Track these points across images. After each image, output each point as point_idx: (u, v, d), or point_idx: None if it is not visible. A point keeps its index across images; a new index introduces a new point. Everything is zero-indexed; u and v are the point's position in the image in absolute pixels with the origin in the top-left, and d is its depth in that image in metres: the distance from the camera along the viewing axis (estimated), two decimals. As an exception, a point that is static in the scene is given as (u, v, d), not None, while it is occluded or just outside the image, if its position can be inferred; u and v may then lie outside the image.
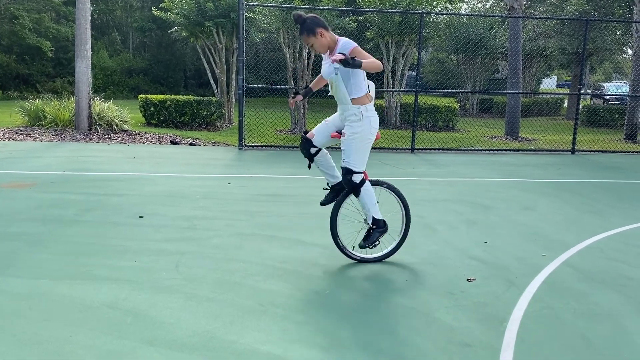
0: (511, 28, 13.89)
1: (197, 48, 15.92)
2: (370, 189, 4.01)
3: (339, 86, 3.84)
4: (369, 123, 3.89)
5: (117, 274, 3.82)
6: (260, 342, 2.91)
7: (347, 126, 3.90)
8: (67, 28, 24.94)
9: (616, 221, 5.77)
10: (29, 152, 9.31)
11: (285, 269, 4.06)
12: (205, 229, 5.02)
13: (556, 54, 21.91)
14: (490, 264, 4.30)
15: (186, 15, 13.91)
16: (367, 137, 3.90)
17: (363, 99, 3.87)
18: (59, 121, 12.31)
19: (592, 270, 4.22)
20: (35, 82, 24.32)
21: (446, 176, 8.35)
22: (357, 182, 3.93)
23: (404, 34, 14.60)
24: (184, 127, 13.55)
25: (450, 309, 3.42)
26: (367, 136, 3.90)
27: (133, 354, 2.75)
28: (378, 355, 2.82)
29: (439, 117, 15.86)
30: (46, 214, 5.35)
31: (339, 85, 3.84)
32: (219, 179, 7.49)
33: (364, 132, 3.87)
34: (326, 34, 3.81)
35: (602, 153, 12.11)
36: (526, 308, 3.47)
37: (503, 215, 5.91)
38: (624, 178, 8.71)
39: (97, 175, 7.48)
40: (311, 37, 3.80)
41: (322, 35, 3.80)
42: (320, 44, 3.82)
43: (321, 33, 3.79)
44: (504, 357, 2.83)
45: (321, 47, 3.84)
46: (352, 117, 3.87)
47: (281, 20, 12.57)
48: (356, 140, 3.88)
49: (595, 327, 3.24)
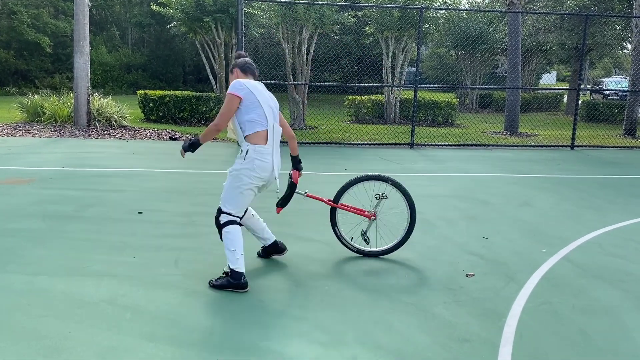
0: (511, 23, 13.86)
1: (196, 43, 15.90)
2: (233, 236, 3.60)
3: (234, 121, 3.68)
4: (252, 166, 3.57)
5: (116, 270, 3.82)
6: (260, 337, 2.92)
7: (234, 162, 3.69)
8: (66, 23, 24.89)
9: (615, 216, 5.78)
10: (27, 148, 9.30)
11: (285, 264, 4.06)
12: (205, 224, 5.01)
13: (556, 49, 21.87)
14: (489, 260, 4.30)
15: (185, 11, 13.89)
16: (244, 179, 3.58)
17: (257, 138, 3.61)
18: (57, 117, 12.30)
19: (591, 266, 4.22)
20: (34, 78, 24.29)
21: (445, 172, 8.34)
22: (221, 222, 3.64)
23: (404, 29, 14.58)
24: (183, 123, 13.53)
25: (449, 305, 3.43)
26: (243, 178, 3.57)
27: (132, 349, 2.75)
28: (377, 350, 2.82)
29: (438, 113, 15.84)
30: (45, 209, 5.35)
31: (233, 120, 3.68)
32: (218, 175, 7.49)
33: (241, 172, 3.58)
34: (238, 73, 3.79)
35: (601, 148, 12.11)
36: (525, 303, 3.48)
37: (502, 210, 5.91)
38: (623, 173, 8.71)
39: (96, 171, 7.47)
40: (230, 75, 3.85)
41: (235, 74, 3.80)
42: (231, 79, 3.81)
43: (237, 73, 3.80)
44: (502, 353, 2.84)
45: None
46: (238, 154, 3.67)
47: (280, 15, 12.53)
48: (231, 177, 3.63)
49: (594, 322, 3.24)
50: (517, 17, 13.69)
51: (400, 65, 15.28)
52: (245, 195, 3.63)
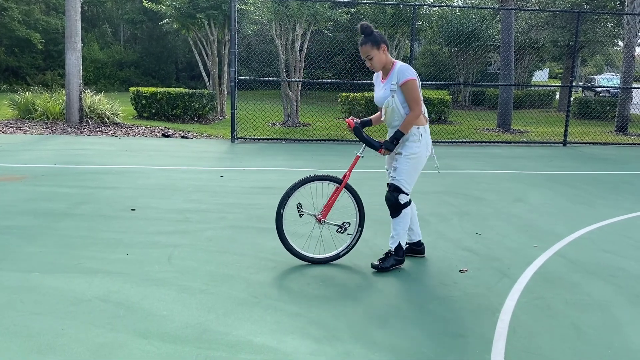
0: (503, 20, 13.90)
1: (188, 40, 15.83)
2: (409, 214, 3.89)
3: (396, 109, 3.74)
4: (426, 144, 3.81)
5: (109, 267, 3.80)
6: (254, 333, 2.91)
7: (404, 146, 3.79)
8: (57, 20, 24.71)
9: (607, 212, 5.81)
10: (19, 145, 9.23)
11: (279, 260, 4.06)
12: (198, 221, 5.00)
13: (548, 46, 21.96)
14: (482, 255, 4.32)
15: (177, 7, 13.82)
16: (423, 159, 3.83)
17: (421, 120, 3.77)
18: (49, 114, 12.22)
19: (584, 261, 4.25)
20: (25, 75, 24.10)
21: (438, 168, 8.36)
22: (402, 203, 3.82)
23: (397, 26, 14.58)
24: (175, 120, 13.48)
25: (443, 300, 3.44)
26: (422, 159, 3.82)
27: (126, 346, 2.74)
28: (371, 346, 2.83)
29: (431, 110, 15.84)
30: (37, 207, 5.31)
31: (395, 108, 3.75)
32: (212, 172, 7.47)
33: (421, 153, 3.79)
34: (387, 52, 3.75)
35: (593, 145, 12.18)
36: (518, 299, 3.49)
37: (495, 207, 5.94)
38: (615, 169, 8.76)
39: (88, 168, 7.43)
40: (374, 49, 3.68)
41: (384, 52, 3.72)
42: (379, 59, 3.72)
43: (384, 49, 3.72)
44: (496, 348, 2.85)
45: (378, 63, 3.73)
46: (412, 137, 3.76)
47: (273, 12, 12.50)
48: (412, 160, 3.77)
49: (587, 317, 3.26)
50: (510, 14, 13.72)
51: (394, 62, 15.28)
52: (418, 174, 3.88)
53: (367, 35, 3.70)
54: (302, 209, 3.97)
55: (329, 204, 3.98)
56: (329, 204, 3.98)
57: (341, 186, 3.95)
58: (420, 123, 3.79)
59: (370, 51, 3.69)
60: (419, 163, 3.82)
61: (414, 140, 3.78)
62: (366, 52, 3.71)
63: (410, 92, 3.67)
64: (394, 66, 3.75)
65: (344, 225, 4.01)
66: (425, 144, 3.81)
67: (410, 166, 3.79)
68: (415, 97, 3.67)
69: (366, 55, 3.73)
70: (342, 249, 4.09)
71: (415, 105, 3.68)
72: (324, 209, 3.99)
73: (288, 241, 3.94)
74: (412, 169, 3.80)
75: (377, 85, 3.93)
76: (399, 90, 3.71)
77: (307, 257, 4.02)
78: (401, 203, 3.82)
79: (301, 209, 3.96)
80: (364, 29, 3.70)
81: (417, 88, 3.68)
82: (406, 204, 3.85)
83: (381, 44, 3.70)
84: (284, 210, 3.87)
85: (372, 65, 3.76)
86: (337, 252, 4.09)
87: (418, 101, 3.69)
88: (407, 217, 3.89)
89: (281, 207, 3.86)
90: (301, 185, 3.89)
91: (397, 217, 3.87)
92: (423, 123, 3.81)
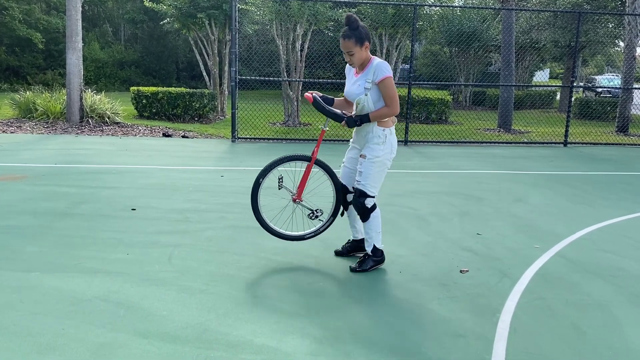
0: (504, 20, 13.89)
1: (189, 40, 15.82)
2: (379, 216, 3.87)
3: (367, 107, 3.68)
4: (390, 147, 3.76)
5: (110, 267, 3.80)
6: (254, 333, 2.91)
7: (368, 148, 3.74)
8: (58, 19, 24.71)
9: (608, 213, 5.81)
10: (19, 145, 9.23)
11: (279, 260, 4.06)
12: (198, 221, 5.00)
13: (549, 46, 21.94)
14: (483, 256, 4.31)
15: (178, 7, 13.81)
16: (387, 162, 3.78)
17: (387, 122, 3.74)
18: (50, 113, 12.21)
19: (584, 262, 4.25)
20: (26, 74, 24.11)
21: (439, 168, 8.36)
22: (369, 207, 3.79)
23: (397, 26, 14.57)
24: (176, 120, 13.48)
25: (444, 300, 3.43)
26: (386, 161, 3.77)
27: (126, 346, 2.74)
28: (371, 346, 2.82)
29: (432, 110, 15.86)
30: (37, 206, 5.31)
31: (366, 106, 3.67)
32: (212, 172, 7.47)
33: (385, 156, 3.74)
34: (368, 49, 3.69)
35: (594, 145, 12.17)
36: (519, 299, 3.49)
37: (495, 207, 5.93)
38: (616, 170, 8.76)
39: (89, 167, 7.43)
40: (357, 46, 3.58)
41: (366, 50, 3.65)
42: (360, 57, 3.63)
43: (366, 47, 3.64)
44: (497, 348, 2.84)
45: (358, 60, 3.64)
46: (376, 139, 3.71)
47: (274, 12, 12.49)
48: (376, 164, 3.72)
49: (587, 317, 3.26)
50: (510, 14, 13.72)
51: (394, 62, 15.28)
52: (383, 176, 3.83)
53: (353, 30, 3.57)
54: (283, 182, 3.98)
55: (301, 183, 3.98)
56: (301, 183, 3.98)
57: (311, 163, 3.94)
58: (386, 125, 3.72)
59: (353, 47, 3.58)
60: (383, 166, 3.77)
61: (378, 142, 3.70)
62: (348, 47, 3.59)
63: (387, 90, 3.61)
64: (371, 62, 3.66)
65: (317, 212, 4.03)
66: (389, 147, 3.75)
67: (375, 170, 3.74)
68: (391, 94, 3.62)
69: (347, 50, 3.60)
70: (308, 232, 4.12)
71: (392, 102, 3.62)
72: (298, 188, 4.00)
73: (259, 210, 3.96)
74: (376, 173, 3.75)
75: (349, 78, 3.84)
76: (374, 88, 3.64)
77: (274, 230, 4.03)
78: (368, 207, 3.78)
79: (282, 182, 3.97)
80: (350, 21, 3.57)
81: (393, 86, 3.64)
82: (374, 207, 3.81)
83: (365, 41, 3.60)
84: (263, 180, 3.91)
85: (351, 61, 3.66)
86: (303, 233, 4.12)
87: (394, 98, 3.63)
88: (377, 219, 3.85)
89: (261, 177, 3.91)
90: (275, 166, 3.91)
91: (367, 221, 3.84)
92: (389, 125, 3.74)
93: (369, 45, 3.67)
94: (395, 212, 5.57)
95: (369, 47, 3.68)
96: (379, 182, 3.81)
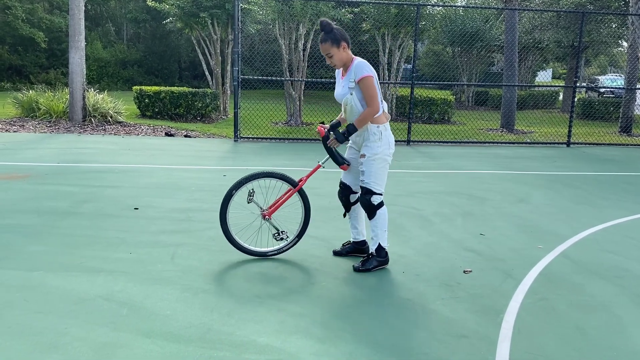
0: (507, 20, 13.86)
1: (191, 39, 15.82)
2: (386, 215, 3.87)
3: (355, 106, 3.74)
4: (387, 142, 3.79)
5: (112, 266, 3.80)
6: (258, 333, 2.90)
7: (366, 147, 3.78)
8: (61, 19, 24.73)
9: (611, 213, 5.79)
10: (22, 144, 9.24)
11: (282, 260, 4.05)
12: (201, 221, 5.00)
13: (552, 46, 21.90)
14: (486, 256, 4.30)
15: (181, 6, 13.81)
16: (387, 157, 3.81)
17: (381, 118, 3.76)
18: (52, 112, 12.23)
19: (588, 262, 4.23)
20: (29, 74, 24.13)
21: (442, 168, 8.35)
22: (376, 204, 3.81)
23: (400, 26, 14.55)
24: (178, 119, 13.48)
25: (447, 301, 3.42)
26: (386, 157, 3.80)
27: (129, 345, 2.73)
28: (375, 346, 2.81)
29: (434, 110, 15.85)
30: (40, 205, 5.31)
31: (354, 105, 3.74)
32: (215, 171, 7.46)
33: (383, 152, 3.77)
34: (347, 49, 3.75)
35: (597, 146, 12.15)
36: (522, 300, 3.48)
37: (498, 207, 5.92)
38: (619, 170, 8.73)
39: (91, 166, 7.43)
40: (334, 47, 3.68)
41: (345, 50, 3.73)
42: (339, 57, 3.72)
43: (344, 47, 3.72)
44: (501, 349, 2.83)
45: (338, 61, 3.74)
46: (372, 136, 3.75)
47: (277, 11, 12.49)
48: (377, 161, 3.75)
49: (591, 318, 3.25)
50: (514, 14, 13.69)
51: (397, 62, 15.26)
52: (386, 172, 3.84)
53: (327, 33, 3.69)
54: (253, 196, 3.97)
55: (278, 204, 4.02)
56: (278, 203, 4.02)
57: (295, 189, 3.99)
58: (380, 121, 3.76)
59: (330, 49, 3.69)
60: (384, 162, 3.79)
61: (374, 140, 3.75)
62: (326, 50, 3.71)
63: (366, 89, 3.66)
64: (352, 62, 3.74)
65: (283, 234, 4.05)
66: (386, 142, 3.78)
67: (376, 167, 3.77)
68: (371, 94, 3.66)
69: (326, 53, 3.73)
70: (271, 250, 4.11)
71: (372, 101, 3.66)
72: (272, 206, 4.02)
73: (227, 222, 3.95)
74: (378, 169, 3.78)
75: (337, 81, 3.91)
76: (357, 88, 3.71)
77: (238, 243, 4.02)
78: (375, 204, 3.80)
79: (252, 196, 3.96)
80: (323, 26, 3.70)
81: (373, 85, 3.67)
82: (380, 205, 3.83)
83: (341, 41, 3.69)
84: (235, 192, 3.91)
85: (332, 63, 3.76)
86: (266, 250, 4.11)
87: (374, 98, 3.67)
88: (383, 218, 3.85)
89: (234, 189, 3.90)
90: (261, 177, 3.96)
91: (373, 219, 3.85)
92: (383, 121, 3.78)
93: (347, 45, 3.75)
94: (398, 212, 5.56)
95: (348, 47, 3.76)
96: (382, 179, 3.83)
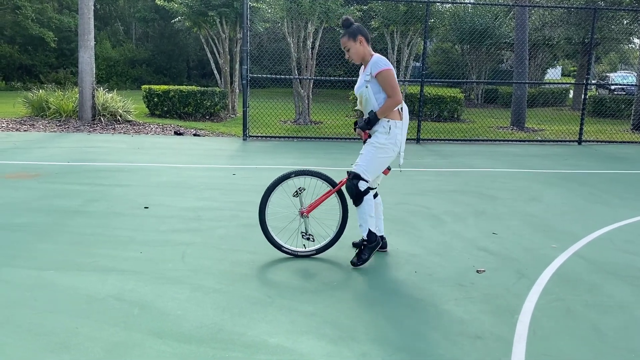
0: (518, 17, 13.74)
1: (200, 38, 15.83)
2: (372, 202, 3.88)
3: (370, 99, 3.81)
4: (395, 139, 3.80)
5: (123, 265, 3.79)
6: (269, 334, 2.87)
7: (373, 136, 3.84)
8: (70, 18, 24.86)
9: (625, 212, 5.71)
10: (32, 143, 9.28)
11: (292, 260, 4.02)
12: (211, 219, 4.98)
13: (562, 43, 21.70)
14: (499, 255, 4.25)
15: (189, 5, 13.82)
16: (389, 152, 3.81)
17: (394, 114, 3.81)
18: (62, 112, 12.28)
19: (603, 262, 4.17)
20: (39, 73, 24.29)
21: (452, 167, 8.28)
22: (362, 190, 3.81)
23: (409, 24, 14.47)
24: (187, 118, 13.49)
25: (460, 301, 3.38)
26: (389, 152, 3.81)
27: (140, 345, 2.71)
28: (387, 346, 2.78)
29: (444, 108, 15.75)
30: (50, 204, 5.32)
31: (369, 98, 3.81)
32: (224, 170, 7.45)
33: (387, 146, 3.79)
34: (365, 44, 3.85)
35: (609, 143, 12.01)
36: (537, 300, 3.42)
37: (510, 205, 5.85)
38: (632, 169, 8.62)
39: (101, 165, 7.44)
40: (351, 41, 3.82)
41: (361, 43, 3.84)
42: (356, 50, 3.84)
43: (361, 41, 3.84)
44: (516, 349, 2.79)
45: (356, 55, 3.86)
46: (380, 129, 3.79)
47: (285, 9, 12.45)
48: (378, 150, 3.78)
49: (607, 318, 3.19)
50: (524, 11, 13.57)
51: (406, 60, 15.18)
52: (383, 166, 3.87)
53: (346, 27, 3.86)
54: (302, 193, 4.03)
55: (316, 202, 4.04)
56: (317, 202, 4.04)
57: (334, 190, 4.00)
58: (392, 116, 3.81)
59: (347, 42, 3.85)
60: (383, 153, 3.81)
61: (382, 132, 3.80)
62: (344, 44, 3.87)
63: (385, 80, 3.74)
64: (371, 58, 3.86)
65: (309, 236, 4.06)
66: (393, 139, 3.80)
67: (374, 154, 3.80)
68: (391, 84, 3.75)
69: (345, 47, 3.88)
70: (302, 251, 4.10)
71: (393, 92, 3.74)
72: (311, 205, 4.05)
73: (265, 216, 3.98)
74: (374, 158, 3.81)
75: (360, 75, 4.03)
76: (373, 81, 3.79)
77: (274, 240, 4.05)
78: (361, 190, 3.81)
79: (301, 192, 4.02)
80: (344, 22, 3.89)
81: (392, 77, 3.75)
82: (366, 191, 3.83)
83: (358, 35, 3.82)
84: (280, 186, 3.96)
85: (350, 57, 3.89)
86: (296, 250, 4.10)
87: (395, 88, 3.75)
88: (369, 204, 3.85)
89: (279, 182, 3.94)
90: (301, 175, 4.00)
91: (360, 206, 3.86)
92: (394, 117, 3.82)
93: (364, 39, 3.87)
94: (409, 210, 5.51)
95: (366, 43, 3.87)
96: (375, 169, 3.85)
